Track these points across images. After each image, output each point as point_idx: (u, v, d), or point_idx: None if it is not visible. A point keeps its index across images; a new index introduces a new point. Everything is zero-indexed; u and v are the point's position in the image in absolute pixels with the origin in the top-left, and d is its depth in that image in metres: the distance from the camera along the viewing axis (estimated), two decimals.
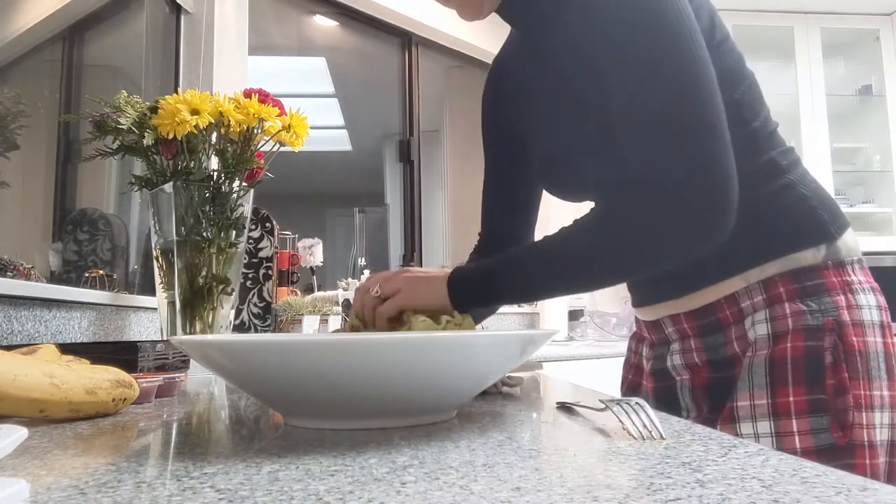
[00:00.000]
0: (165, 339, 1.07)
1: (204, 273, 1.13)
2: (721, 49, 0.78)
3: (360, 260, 3.76)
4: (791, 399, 0.73)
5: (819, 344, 0.75)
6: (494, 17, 1.00)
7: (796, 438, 0.73)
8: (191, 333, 1.13)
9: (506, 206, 1.04)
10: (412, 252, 3.31)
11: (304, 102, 1.36)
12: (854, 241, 0.83)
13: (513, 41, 1.00)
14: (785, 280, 0.79)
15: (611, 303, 3.29)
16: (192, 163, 1.14)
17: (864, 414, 0.73)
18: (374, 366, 0.48)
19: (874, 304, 0.79)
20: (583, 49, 0.77)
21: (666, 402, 0.91)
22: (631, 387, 1.02)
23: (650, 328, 0.96)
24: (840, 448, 0.72)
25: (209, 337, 0.79)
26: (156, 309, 1.23)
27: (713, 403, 0.84)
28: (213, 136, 1.15)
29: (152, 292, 1.23)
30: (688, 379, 0.88)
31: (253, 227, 1.80)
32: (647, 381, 0.97)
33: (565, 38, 0.81)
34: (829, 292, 0.78)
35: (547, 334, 0.58)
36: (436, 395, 0.54)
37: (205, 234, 1.13)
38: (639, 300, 0.96)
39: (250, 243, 1.79)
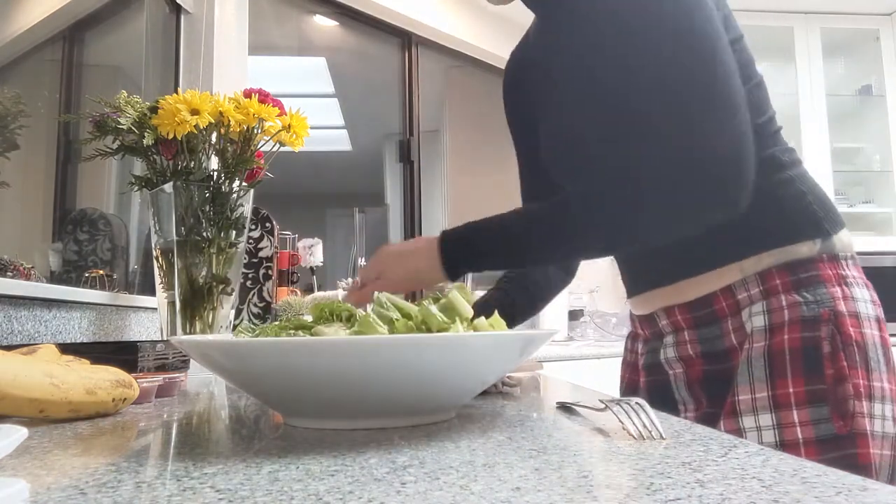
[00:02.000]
0: (165, 339, 1.07)
1: (204, 273, 1.13)
2: (734, 47, 0.79)
3: (360, 260, 3.75)
4: (791, 390, 0.74)
5: (816, 334, 0.75)
6: (494, 18, 1.00)
7: (798, 430, 0.73)
8: (191, 333, 1.13)
9: (541, 192, 1.04)
10: None
11: (304, 102, 1.36)
12: (849, 240, 0.83)
13: (532, 33, 1.01)
14: (781, 272, 0.79)
15: (611, 303, 3.28)
16: (192, 163, 1.14)
17: (864, 403, 0.73)
18: (373, 366, 0.48)
19: (868, 299, 0.80)
20: (607, 26, 0.77)
21: (660, 396, 0.91)
22: (629, 385, 1.02)
23: (643, 323, 0.96)
24: (842, 437, 0.72)
25: (209, 337, 0.79)
26: (156, 309, 1.23)
27: (712, 397, 0.84)
28: (213, 136, 1.15)
29: (152, 292, 1.23)
30: (682, 372, 0.88)
31: (253, 227, 1.80)
32: (641, 375, 0.97)
33: (589, 16, 0.81)
34: (825, 284, 0.78)
35: (546, 334, 0.58)
36: (436, 395, 0.54)
37: (205, 234, 1.13)
38: (633, 287, 0.96)
39: (250, 243, 1.79)
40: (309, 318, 0.61)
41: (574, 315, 3.20)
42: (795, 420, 0.73)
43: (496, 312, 0.60)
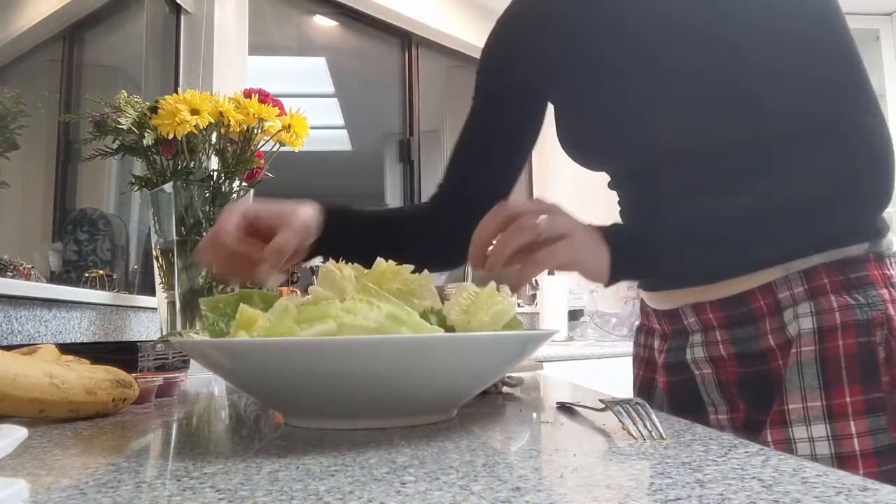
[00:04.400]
0: (166, 337, 1.07)
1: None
2: None
3: None
4: (848, 399, 0.70)
5: (871, 339, 0.71)
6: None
7: (855, 441, 0.69)
8: (199, 330, 1.13)
9: (492, 163, 0.96)
10: None
11: (304, 102, 1.36)
12: (890, 239, 0.79)
13: None
14: (830, 271, 0.74)
15: (611, 303, 3.28)
16: (192, 163, 1.14)
17: None
18: (373, 365, 0.48)
19: None
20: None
21: (685, 397, 0.86)
22: (644, 383, 0.96)
23: (663, 318, 0.89)
24: None
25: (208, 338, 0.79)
26: (156, 309, 1.23)
27: (753, 402, 0.79)
28: (213, 136, 1.15)
29: (152, 292, 1.23)
30: (711, 373, 0.83)
31: None
32: (660, 374, 0.90)
33: None
34: (874, 285, 0.74)
35: (546, 334, 0.58)
36: (435, 395, 0.54)
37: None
38: (652, 284, 0.90)
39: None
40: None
41: (574, 315, 3.20)
42: (853, 431, 0.69)
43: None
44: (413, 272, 0.60)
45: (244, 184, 1.19)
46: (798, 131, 0.72)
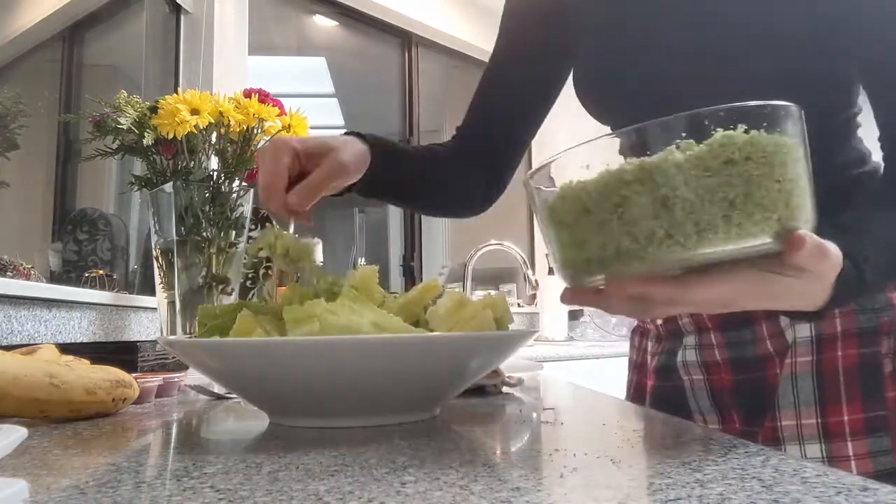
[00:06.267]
0: (168, 336, 1.07)
1: (204, 273, 1.13)
2: None
3: (359, 260, 3.75)
4: (846, 418, 0.64)
5: (876, 350, 0.64)
6: (494, 18, 0.98)
7: (852, 464, 0.63)
8: (191, 333, 1.13)
9: (518, 107, 0.89)
10: (412, 252, 3.31)
11: (304, 102, 1.36)
12: None
13: None
14: None
15: None
16: (192, 163, 1.14)
17: None
18: (351, 364, 0.49)
19: None
20: None
21: (672, 402, 0.80)
22: (637, 390, 0.91)
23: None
24: None
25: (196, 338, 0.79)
26: (156, 309, 1.23)
27: (747, 413, 0.73)
28: (213, 136, 1.15)
29: (152, 292, 1.23)
30: (702, 380, 0.77)
31: (253, 227, 1.80)
32: (650, 378, 0.86)
33: None
34: (884, 288, 0.66)
35: (527, 334, 0.58)
36: (416, 393, 0.55)
37: (205, 234, 1.13)
38: None
39: (250, 243, 1.79)
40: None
41: (574, 315, 3.20)
42: (850, 453, 0.63)
43: None
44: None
45: (244, 184, 1.19)
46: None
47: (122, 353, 0.85)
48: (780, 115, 0.42)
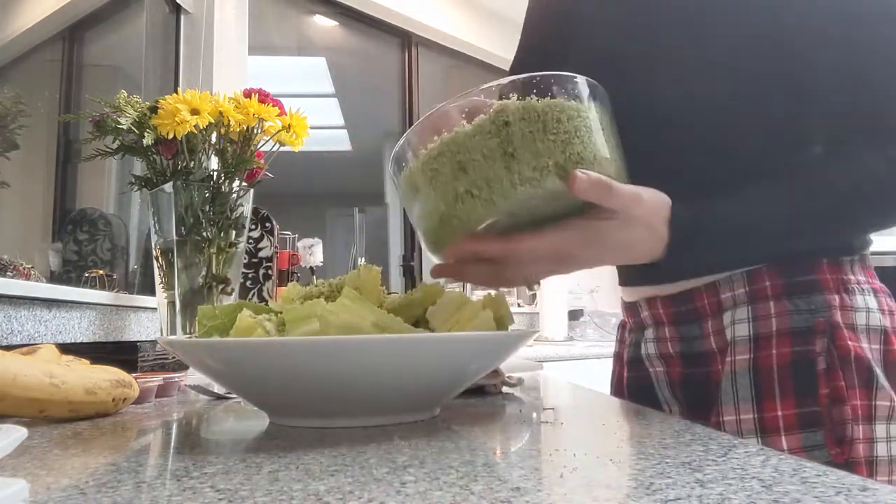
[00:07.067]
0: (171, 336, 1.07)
1: (204, 273, 1.13)
2: None
3: (360, 260, 3.76)
4: (779, 413, 0.66)
5: (809, 348, 0.66)
6: (494, 18, 0.98)
7: None
8: (191, 333, 1.13)
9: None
10: (412, 252, 3.31)
11: (304, 102, 1.36)
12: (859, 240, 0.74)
13: None
14: (773, 273, 0.70)
15: (611, 303, 3.28)
16: (192, 163, 1.14)
17: (863, 427, 0.64)
18: (351, 364, 0.49)
19: (874, 307, 0.70)
20: None
21: (643, 394, 0.82)
22: (618, 380, 0.92)
23: (627, 310, 0.88)
24: (838, 467, 0.65)
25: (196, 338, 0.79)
26: (156, 309, 1.23)
27: (690, 404, 0.77)
28: (213, 136, 1.15)
29: (152, 292, 1.23)
30: (663, 371, 0.80)
31: (253, 227, 1.80)
32: (624, 369, 0.88)
33: None
34: (823, 290, 0.69)
35: (528, 334, 0.58)
36: (417, 394, 0.54)
37: (205, 234, 1.13)
38: (623, 278, 0.87)
39: (250, 243, 1.79)
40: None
41: (574, 315, 3.20)
42: (784, 447, 0.65)
43: None
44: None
45: (244, 184, 1.19)
46: (842, 126, 0.68)
47: (122, 353, 0.85)
48: (551, 82, 0.53)
